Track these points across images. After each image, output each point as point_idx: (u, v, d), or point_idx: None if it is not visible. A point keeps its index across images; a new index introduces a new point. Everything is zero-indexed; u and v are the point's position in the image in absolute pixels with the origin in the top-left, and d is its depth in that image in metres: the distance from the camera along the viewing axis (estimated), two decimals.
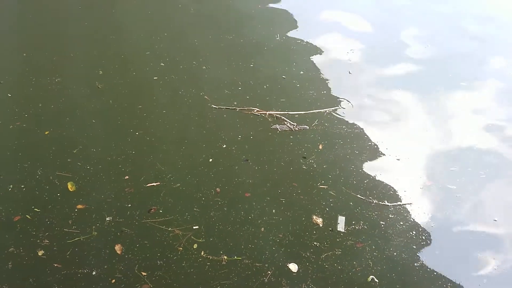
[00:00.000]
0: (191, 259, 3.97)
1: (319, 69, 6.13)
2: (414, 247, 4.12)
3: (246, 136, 5.10)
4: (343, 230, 4.21)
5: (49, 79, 5.81)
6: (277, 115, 5.32)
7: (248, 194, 4.52)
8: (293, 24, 7.06)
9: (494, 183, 4.73)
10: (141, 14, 7.35)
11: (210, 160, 4.82)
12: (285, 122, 5.23)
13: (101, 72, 5.98)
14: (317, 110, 5.42)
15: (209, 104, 5.48)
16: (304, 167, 4.78)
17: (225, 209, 4.36)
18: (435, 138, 5.18)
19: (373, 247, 4.10)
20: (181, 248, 4.02)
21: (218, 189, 4.53)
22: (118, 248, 4.04)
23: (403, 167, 4.83)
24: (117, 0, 7.70)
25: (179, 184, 4.57)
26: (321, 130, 5.20)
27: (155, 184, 4.56)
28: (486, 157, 5.00)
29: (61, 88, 5.71)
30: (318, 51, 6.48)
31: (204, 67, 6.10)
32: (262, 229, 4.21)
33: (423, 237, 4.20)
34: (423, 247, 4.14)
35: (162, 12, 7.39)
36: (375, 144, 5.06)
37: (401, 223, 4.30)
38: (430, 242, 4.17)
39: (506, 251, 4.15)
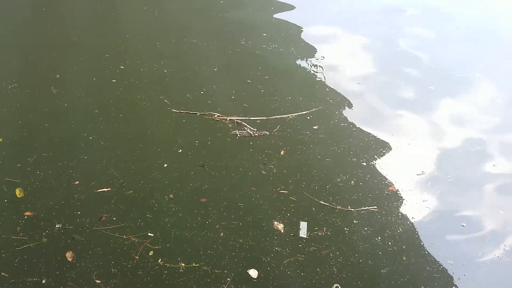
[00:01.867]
0: (148, 267, 3.80)
1: (285, 74, 5.98)
2: (380, 253, 3.98)
3: (204, 142, 4.94)
4: (305, 236, 4.07)
5: (4, 83, 5.61)
6: (238, 121, 5.16)
7: (203, 200, 4.34)
8: (260, 28, 6.92)
9: (461, 187, 4.62)
10: (104, 16, 7.19)
11: (165, 165, 4.65)
12: (245, 128, 5.06)
13: (58, 75, 5.79)
14: (279, 116, 5.27)
15: (168, 108, 5.31)
16: (264, 172, 4.62)
17: (180, 215, 4.19)
18: (401, 143, 5.04)
19: (337, 253, 3.96)
20: (137, 257, 3.85)
21: (171, 195, 4.35)
22: (69, 255, 3.86)
23: (368, 172, 4.69)
24: (79, 1, 7.53)
25: (131, 191, 4.38)
26: (283, 136, 5.04)
27: (106, 190, 4.37)
28: (453, 162, 4.89)
29: (15, 92, 5.49)
30: (285, 56, 6.34)
31: (166, 71, 5.93)
32: (221, 234, 4.06)
33: (390, 243, 4.06)
34: (390, 253, 3.99)
35: (125, 14, 7.23)
36: (339, 150, 4.91)
37: (366, 228, 4.16)
38: (397, 248, 4.03)
39: (474, 256, 4.02)
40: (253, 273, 3.81)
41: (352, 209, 4.32)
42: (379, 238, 4.09)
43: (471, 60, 6.44)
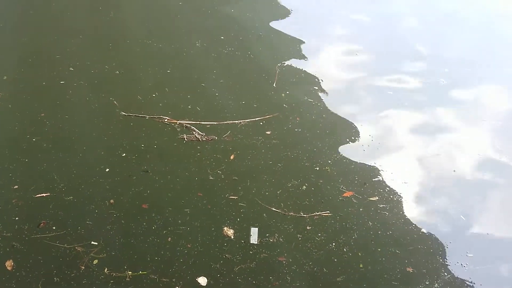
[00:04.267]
0: (93, 276, 3.62)
1: (240, 79, 5.86)
2: (335, 260, 3.86)
3: (150, 145, 4.78)
4: (256, 242, 3.94)
5: None
6: (187, 125, 5.02)
7: (146, 205, 4.18)
8: (217, 31, 6.80)
9: (419, 192, 4.55)
10: (57, 16, 7.02)
11: (107, 170, 4.48)
12: (194, 132, 4.92)
13: (5, 77, 5.60)
14: (231, 122, 5.14)
15: (117, 111, 5.14)
16: (211, 178, 4.48)
17: (123, 221, 4.02)
18: (356, 148, 4.96)
19: (290, 260, 3.83)
20: (83, 267, 3.66)
21: (112, 201, 4.18)
22: (8, 264, 3.66)
23: (321, 177, 4.58)
24: (32, 1, 7.34)
25: (71, 196, 4.20)
26: (234, 141, 4.91)
27: (44, 195, 4.18)
28: (409, 166, 4.82)
29: None
30: (241, 60, 6.22)
31: (117, 72, 5.76)
32: (169, 239, 3.91)
33: (345, 250, 3.95)
34: (346, 261, 3.87)
35: (80, 15, 7.06)
36: (292, 155, 4.79)
37: (319, 235, 4.04)
38: (353, 255, 3.91)
39: (436, 264, 3.92)
40: (203, 280, 3.67)
41: (305, 215, 4.19)
42: (334, 244, 3.98)
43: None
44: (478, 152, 5.06)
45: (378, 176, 4.66)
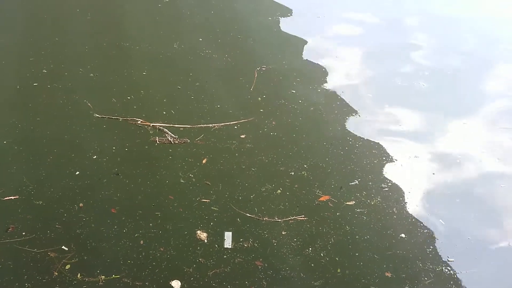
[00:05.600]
0: (65, 282, 3.55)
1: (217, 82, 5.80)
2: (312, 265, 3.80)
3: (121, 148, 4.72)
4: (230, 247, 3.88)
5: None
6: (160, 127, 4.95)
7: (116, 208, 4.12)
8: (196, 33, 6.75)
9: (395, 196, 4.48)
10: (32, 18, 6.94)
11: (77, 173, 4.41)
12: (166, 135, 4.85)
13: None
14: (205, 125, 5.07)
15: (91, 113, 5.07)
16: (182, 181, 4.42)
17: (93, 225, 3.95)
18: (334, 152, 4.89)
19: (266, 265, 3.76)
20: (56, 272, 3.59)
21: (81, 204, 4.10)
22: None
23: (296, 182, 4.52)
24: (8, 2, 7.28)
25: (39, 199, 4.12)
26: (207, 144, 4.84)
27: (13, 197, 4.10)
28: (386, 170, 4.76)
29: None
30: (218, 63, 6.16)
31: (92, 75, 5.70)
32: (141, 242, 3.85)
33: (322, 254, 3.88)
34: (323, 265, 3.81)
35: (56, 17, 6.99)
36: (267, 159, 4.73)
37: (295, 239, 3.98)
38: (330, 259, 3.85)
39: (416, 268, 3.86)
40: (176, 284, 3.61)
41: (279, 220, 4.13)
42: (311, 249, 3.91)
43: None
44: (459, 154, 5.03)
45: (355, 180, 4.60)
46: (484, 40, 7.33)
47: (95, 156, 4.60)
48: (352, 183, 4.59)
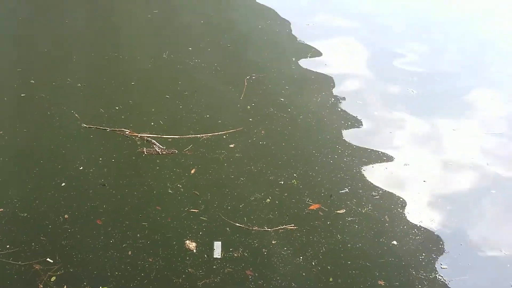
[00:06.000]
0: None
1: (206, 91, 5.76)
2: (304, 274, 3.76)
3: (108, 159, 4.67)
4: (220, 257, 3.83)
5: None
6: (148, 138, 4.90)
7: (101, 219, 4.07)
8: (186, 41, 6.72)
9: (385, 203, 4.43)
10: (20, 28, 6.92)
11: (63, 184, 4.35)
12: (154, 145, 4.81)
13: None
14: (193, 135, 5.02)
15: (79, 123, 5.02)
16: (170, 191, 4.37)
17: (79, 236, 3.90)
18: (323, 160, 4.85)
19: (257, 274, 3.72)
20: (41, 285, 3.53)
21: (66, 216, 4.05)
22: None
23: (285, 190, 4.48)
24: None
25: (24, 211, 4.07)
26: (196, 154, 4.79)
27: None
28: (377, 178, 4.72)
29: None
30: (207, 72, 6.12)
31: (80, 85, 5.64)
32: (129, 252, 3.80)
33: (313, 263, 3.84)
34: (315, 275, 3.76)
35: (43, 27, 6.98)
36: (256, 169, 4.68)
37: (285, 248, 3.94)
38: (321, 268, 3.81)
39: (409, 276, 3.81)
40: None
41: (269, 229, 4.09)
42: (301, 258, 3.87)
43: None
44: (449, 161, 5.00)
45: (345, 189, 4.56)
46: (472, 45, 7.36)
47: (81, 167, 4.55)
48: (342, 191, 4.54)
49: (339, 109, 5.65)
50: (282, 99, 5.70)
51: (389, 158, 4.99)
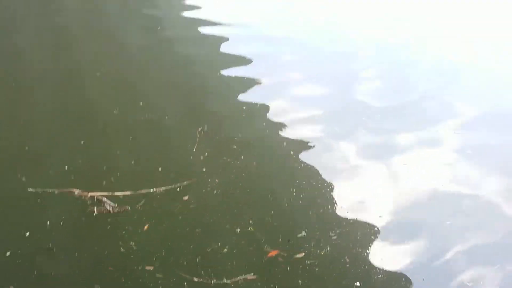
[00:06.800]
0: None
1: (158, 144, 5.69)
2: None
3: (56, 222, 4.49)
4: None
5: None
6: (99, 197, 4.76)
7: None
8: (137, 97, 6.63)
9: (344, 244, 4.40)
10: None
11: (8, 253, 4.15)
12: (105, 204, 4.68)
13: None
14: (145, 191, 4.91)
15: (25, 187, 4.84)
16: (123, 250, 4.23)
17: None
18: (278, 205, 4.81)
19: None
20: None
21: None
22: None
23: (242, 238, 4.41)
24: None
25: None
26: (149, 210, 4.68)
27: None
28: (333, 218, 4.69)
29: None
30: (159, 125, 6.04)
31: (27, 148, 5.45)
32: None
33: None
34: None
35: None
36: (212, 219, 4.59)
37: None
38: None
39: None
40: None
41: (228, 281, 3.99)
42: None
43: None
44: (405, 194, 5.06)
45: (303, 232, 4.51)
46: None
47: (28, 233, 4.37)
48: (300, 235, 4.49)
49: (293, 154, 5.61)
50: (235, 147, 5.64)
51: (344, 197, 4.97)
